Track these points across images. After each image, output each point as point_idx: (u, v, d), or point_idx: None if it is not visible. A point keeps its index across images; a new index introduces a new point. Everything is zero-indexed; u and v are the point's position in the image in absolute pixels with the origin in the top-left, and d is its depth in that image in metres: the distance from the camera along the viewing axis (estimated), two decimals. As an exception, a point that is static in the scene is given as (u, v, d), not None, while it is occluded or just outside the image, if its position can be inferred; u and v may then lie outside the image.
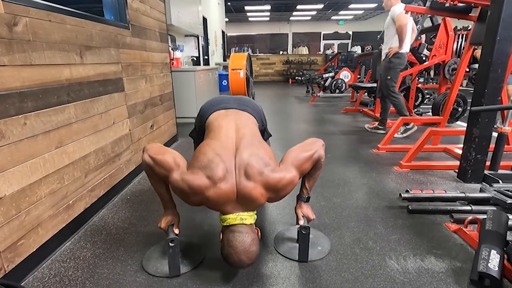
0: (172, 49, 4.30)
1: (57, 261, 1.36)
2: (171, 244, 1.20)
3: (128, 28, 2.18)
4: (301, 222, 1.34)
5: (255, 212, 1.21)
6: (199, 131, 1.54)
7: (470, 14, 2.60)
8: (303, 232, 1.30)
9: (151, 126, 2.60)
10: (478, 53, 6.49)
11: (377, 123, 3.70)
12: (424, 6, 2.95)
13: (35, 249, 1.30)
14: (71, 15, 1.53)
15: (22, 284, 1.21)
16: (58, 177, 1.43)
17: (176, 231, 1.28)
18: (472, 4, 2.43)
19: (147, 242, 1.48)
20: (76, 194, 1.57)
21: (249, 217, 1.16)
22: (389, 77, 3.32)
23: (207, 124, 1.43)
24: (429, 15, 3.58)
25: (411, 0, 3.49)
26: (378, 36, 4.87)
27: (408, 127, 3.39)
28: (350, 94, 6.36)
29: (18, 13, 1.20)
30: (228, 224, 1.15)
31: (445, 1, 2.43)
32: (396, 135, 3.18)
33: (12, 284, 0.95)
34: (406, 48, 3.28)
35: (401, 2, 3.20)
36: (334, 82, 7.05)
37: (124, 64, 2.09)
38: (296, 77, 9.66)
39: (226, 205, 1.14)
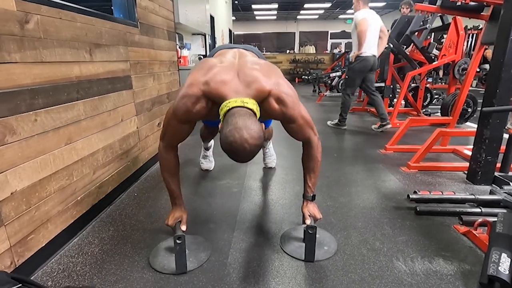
0: (179, 47, 4.31)
1: (66, 256, 1.38)
2: (178, 241, 1.21)
3: (137, 26, 2.19)
4: (308, 221, 1.34)
5: (257, 104, 1.14)
6: None
7: (482, 13, 2.56)
8: (310, 232, 1.29)
9: (158, 124, 2.61)
10: (488, 53, 6.39)
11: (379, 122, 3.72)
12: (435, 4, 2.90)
13: (44, 244, 1.32)
14: (81, 13, 1.55)
15: (31, 278, 1.23)
16: (67, 173, 1.45)
17: (184, 228, 1.29)
18: (485, 3, 2.39)
19: (154, 239, 1.49)
20: (84, 190, 1.59)
21: (251, 102, 1.09)
22: (347, 77, 3.73)
23: None
24: (439, 14, 3.53)
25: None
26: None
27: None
28: (357, 93, 6.31)
29: (30, 10, 1.22)
30: (228, 108, 1.07)
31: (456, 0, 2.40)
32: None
33: (23, 278, 0.96)
34: (371, 52, 3.41)
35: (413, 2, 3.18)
36: (341, 82, 7.01)
37: (132, 62, 2.11)
38: (303, 76, 9.63)
39: (225, 86, 1.11)
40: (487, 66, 6.67)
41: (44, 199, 1.31)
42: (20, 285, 0.93)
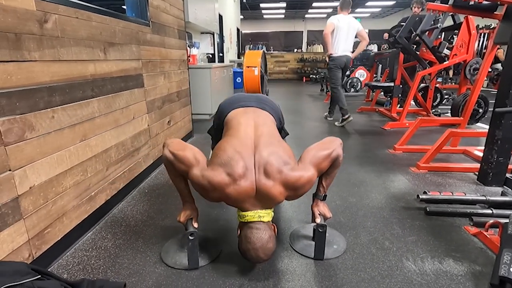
0: (188, 46, 4.34)
1: (80, 250, 1.41)
2: (190, 238, 1.23)
3: (149, 25, 2.22)
4: (318, 220, 1.34)
5: (273, 209, 1.22)
6: (217, 128, 1.57)
7: (495, 13, 2.53)
8: (320, 230, 1.30)
9: (168, 121, 2.64)
10: (500, 52, 6.29)
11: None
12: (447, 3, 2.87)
13: (60, 238, 1.35)
14: (96, 13, 1.58)
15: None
16: (81, 169, 1.48)
17: (195, 225, 1.31)
18: (498, 2, 2.36)
19: (165, 234, 1.52)
20: (98, 186, 1.62)
21: (266, 215, 1.18)
22: (328, 76, 4.20)
23: (225, 121, 1.44)
24: (450, 13, 3.49)
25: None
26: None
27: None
28: (366, 93, 6.27)
29: (48, 10, 1.25)
30: (246, 221, 1.17)
31: (469, -1, 2.37)
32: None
33: (42, 269, 1.00)
34: (342, 52, 3.86)
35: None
36: (349, 81, 6.97)
37: (144, 61, 2.14)
38: (311, 75, 9.60)
39: (245, 202, 1.16)
40: (498, 66, 6.56)
41: (60, 194, 1.34)
42: (39, 276, 0.96)
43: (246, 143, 1.22)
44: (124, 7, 2.23)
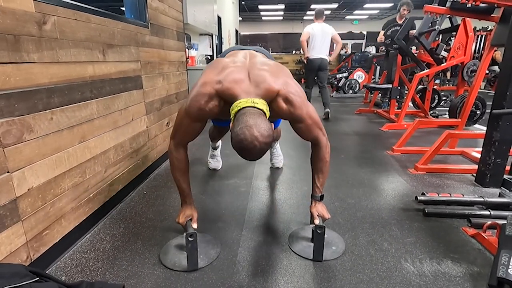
0: (187, 47, 4.34)
1: (78, 252, 1.41)
2: (190, 239, 1.23)
3: (148, 27, 2.22)
4: (317, 221, 1.35)
5: (268, 109, 1.17)
6: None
7: (492, 15, 2.54)
8: (318, 232, 1.30)
9: (167, 123, 2.64)
10: (497, 54, 6.32)
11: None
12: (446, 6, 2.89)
13: (58, 240, 1.35)
14: (95, 14, 1.58)
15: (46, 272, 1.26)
16: (80, 171, 1.48)
17: (195, 226, 1.31)
18: (495, 5, 2.38)
19: (164, 236, 1.52)
20: (96, 188, 1.62)
21: (261, 103, 1.13)
22: (305, 75, 4.82)
23: None
24: (448, 16, 3.51)
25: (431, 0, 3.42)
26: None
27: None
28: (364, 94, 6.29)
29: (47, 12, 1.25)
30: (239, 108, 1.11)
31: (466, 1, 2.39)
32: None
33: (40, 271, 0.99)
34: (317, 55, 4.35)
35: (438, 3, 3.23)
36: (348, 83, 7.00)
37: (143, 62, 2.14)
38: (309, 77, 9.58)
39: (237, 86, 1.14)
40: (496, 68, 6.59)
41: (59, 196, 1.34)
42: (38, 278, 0.95)
43: (240, 60, 1.29)
44: (123, 8, 2.23)
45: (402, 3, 4.64)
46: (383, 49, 5.37)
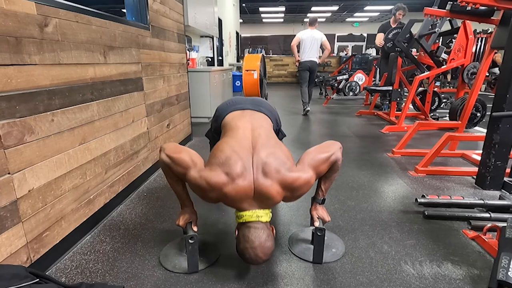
0: (188, 49, 4.36)
1: (78, 254, 1.41)
2: (190, 241, 1.23)
3: (148, 29, 2.23)
4: (317, 223, 1.34)
5: (271, 210, 1.22)
6: (214, 131, 1.57)
7: (492, 18, 2.55)
8: (319, 234, 1.30)
9: (168, 125, 2.65)
10: (497, 57, 6.33)
11: None
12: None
13: (58, 241, 1.35)
14: (96, 16, 1.59)
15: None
16: (80, 173, 1.48)
17: (195, 228, 1.31)
18: (495, 8, 2.38)
19: (164, 238, 1.52)
20: (96, 190, 1.62)
21: (265, 215, 1.17)
22: (298, 75, 5.51)
23: (223, 124, 1.45)
24: (448, 18, 3.52)
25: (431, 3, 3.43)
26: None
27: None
28: (364, 97, 6.29)
29: (49, 14, 1.26)
30: (244, 221, 1.16)
31: (466, 4, 2.39)
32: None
33: (40, 273, 0.99)
34: (307, 58, 4.86)
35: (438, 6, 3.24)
36: (348, 85, 7.00)
37: (144, 64, 2.15)
38: (309, 79, 9.58)
39: (243, 202, 1.16)
40: (496, 70, 6.59)
41: (59, 197, 1.34)
42: (38, 279, 0.96)
43: (244, 144, 1.22)
44: (124, 10, 2.24)
45: (398, 7, 4.76)
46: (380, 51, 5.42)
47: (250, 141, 1.25)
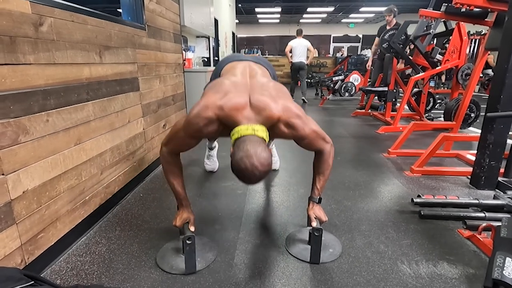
0: (184, 50, 4.34)
1: (74, 255, 1.40)
2: (188, 242, 1.22)
3: (145, 29, 2.22)
4: (314, 224, 1.35)
5: (268, 134, 1.18)
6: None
7: (486, 19, 2.58)
8: (316, 234, 1.31)
9: (164, 125, 2.63)
10: (490, 58, 6.41)
11: None
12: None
13: (53, 243, 1.33)
14: (92, 16, 1.57)
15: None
16: (76, 173, 1.47)
17: (192, 228, 1.31)
18: (489, 9, 2.41)
19: (160, 239, 1.51)
20: (92, 190, 1.61)
21: (261, 130, 1.14)
22: (291, 73, 6.84)
23: (222, 73, 1.52)
24: (443, 20, 3.55)
25: (426, 5, 3.46)
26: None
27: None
28: (360, 97, 6.32)
29: (44, 13, 1.24)
30: (239, 135, 1.12)
31: (461, 6, 2.42)
32: None
33: (34, 275, 0.98)
34: (297, 59, 6.37)
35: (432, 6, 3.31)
36: (344, 85, 7.03)
37: (140, 64, 2.13)
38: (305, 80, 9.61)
39: (238, 113, 1.15)
40: (489, 72, 6.68)
41: (54, 198, 1.33)
42: (33, 282, 0.94)
43: (240, 79, 1.31)
44: (120, 10, 2.23)
45: (386, 10, 4.90)
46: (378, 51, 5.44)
47: (247, 78, 1.34)
